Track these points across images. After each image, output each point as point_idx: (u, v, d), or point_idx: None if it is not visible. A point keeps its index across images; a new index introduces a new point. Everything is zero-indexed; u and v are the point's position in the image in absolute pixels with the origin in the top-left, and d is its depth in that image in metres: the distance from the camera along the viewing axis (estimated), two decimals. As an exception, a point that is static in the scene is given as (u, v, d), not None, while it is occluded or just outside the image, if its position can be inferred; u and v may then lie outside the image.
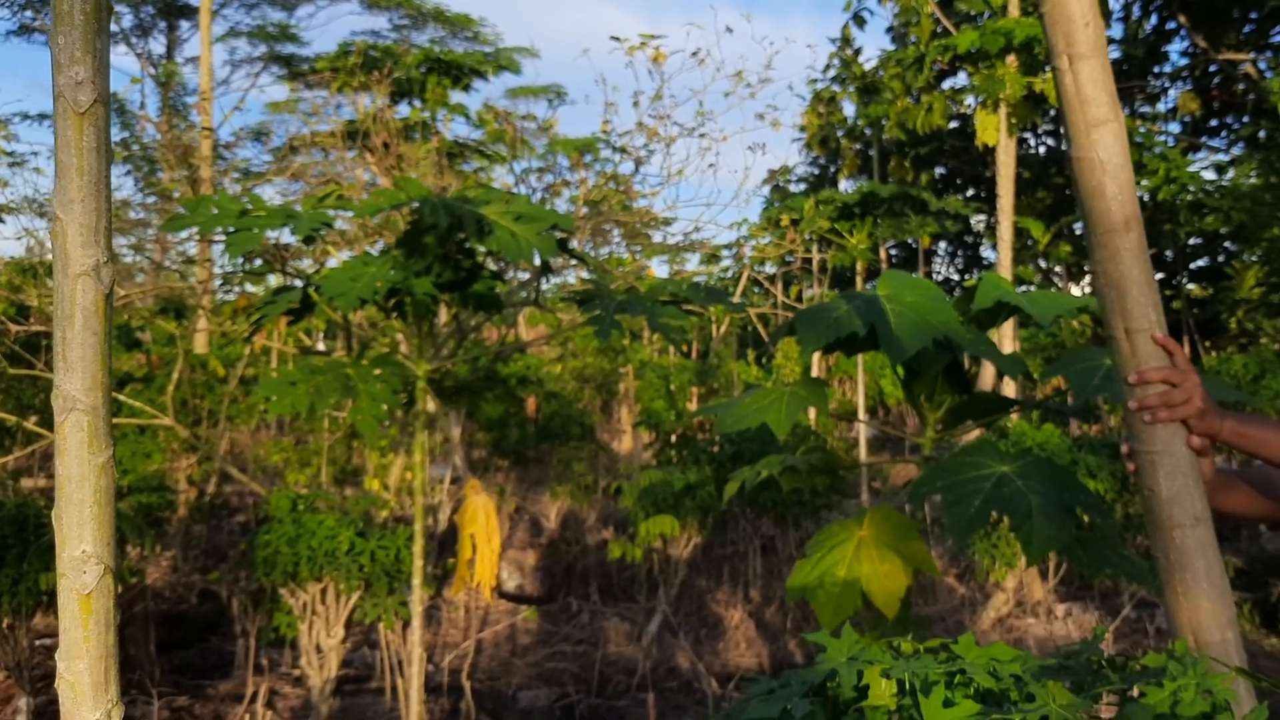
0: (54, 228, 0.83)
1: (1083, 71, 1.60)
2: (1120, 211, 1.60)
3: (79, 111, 0.81)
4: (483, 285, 3.88)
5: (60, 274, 0.84)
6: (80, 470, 0.84)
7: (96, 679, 0.86)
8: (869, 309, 3.12)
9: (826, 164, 18.78)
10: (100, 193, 0.83)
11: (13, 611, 4.56)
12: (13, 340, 5.91)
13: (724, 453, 6.60)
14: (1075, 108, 1.62)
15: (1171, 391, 1.62)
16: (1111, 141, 1.60)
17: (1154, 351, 1.63)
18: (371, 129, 5.22)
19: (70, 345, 0.84)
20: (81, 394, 0.84)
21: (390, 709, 5.17)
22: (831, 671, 1.46)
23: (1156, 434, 1.63)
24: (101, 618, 0.86)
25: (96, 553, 0.85)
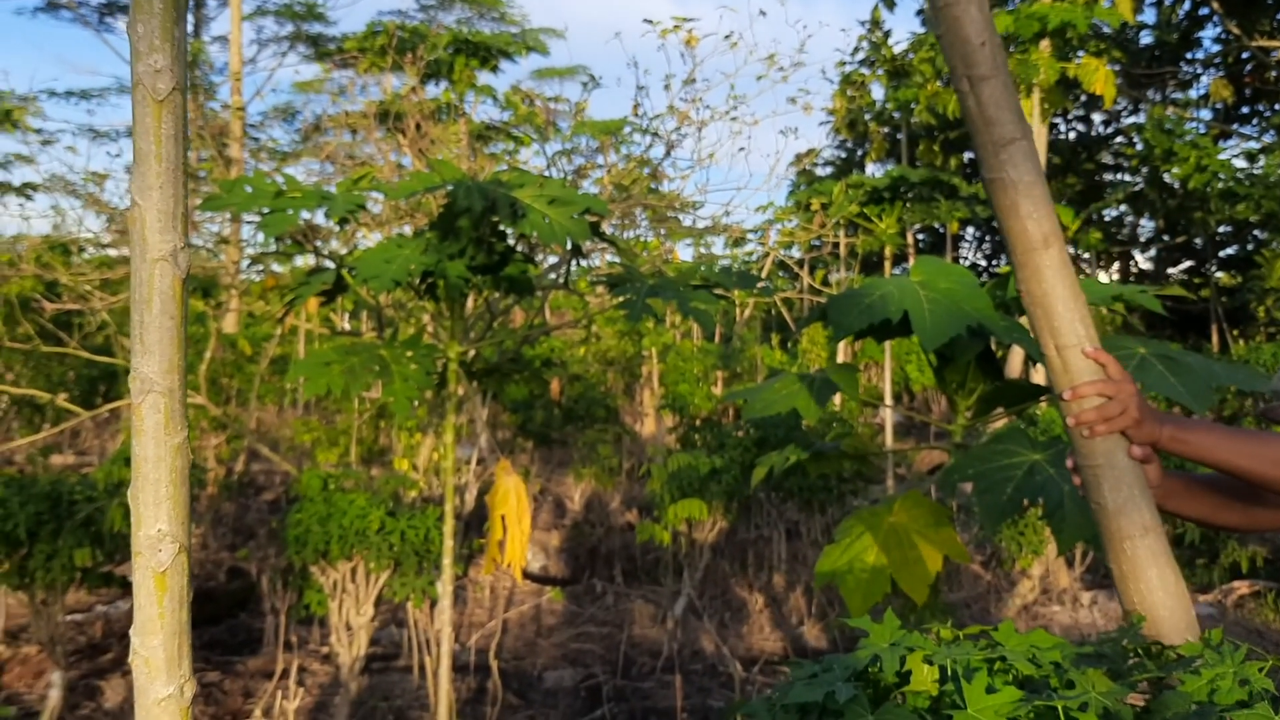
0: (132, 214, 0.85)
1: (984, 92, 1.58)
2: (1037, 229, 1.58)
3: (158, 99, 0.83)
4: (515, 268, 3.90)
5: (138, 259, 0.86)
6: (156, 451, 0.86)
7: (170, 655, 0.89)
8: (902, 295, 3.11)
9: (854, 148, 18.69)
10: (177, 179, 0.84)
11: (46, 587, 4.63)
12: (47, 318, 5.97)
13: (749, 437, 6.60)
14: (981, 129, 1.60)
15: (1107, 405, 1.60)
16: (1021, 160, 1.58)
17: (1086, 366, 1.61)
18: (403, 110, 5.22)
19: (148, 329, 0.86)
20: (159, 376, 0.85)
21: (418, 687, 5.22)
22: (874, 656, 1.47)
23: (1096, 447, 1.63)
24: (175, 595, 0.88)
25: (172, 531, 0.87)
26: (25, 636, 5.85)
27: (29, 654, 5.55)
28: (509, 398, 9.45)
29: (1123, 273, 18.92)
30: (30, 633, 5.80)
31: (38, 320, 6.51)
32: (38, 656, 5.51)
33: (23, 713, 4.88)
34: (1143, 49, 16.06)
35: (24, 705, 4.98)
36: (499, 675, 5.05)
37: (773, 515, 6.91)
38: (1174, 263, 18.47)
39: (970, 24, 1.55)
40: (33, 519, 4.41)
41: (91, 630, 5.98)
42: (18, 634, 5.93)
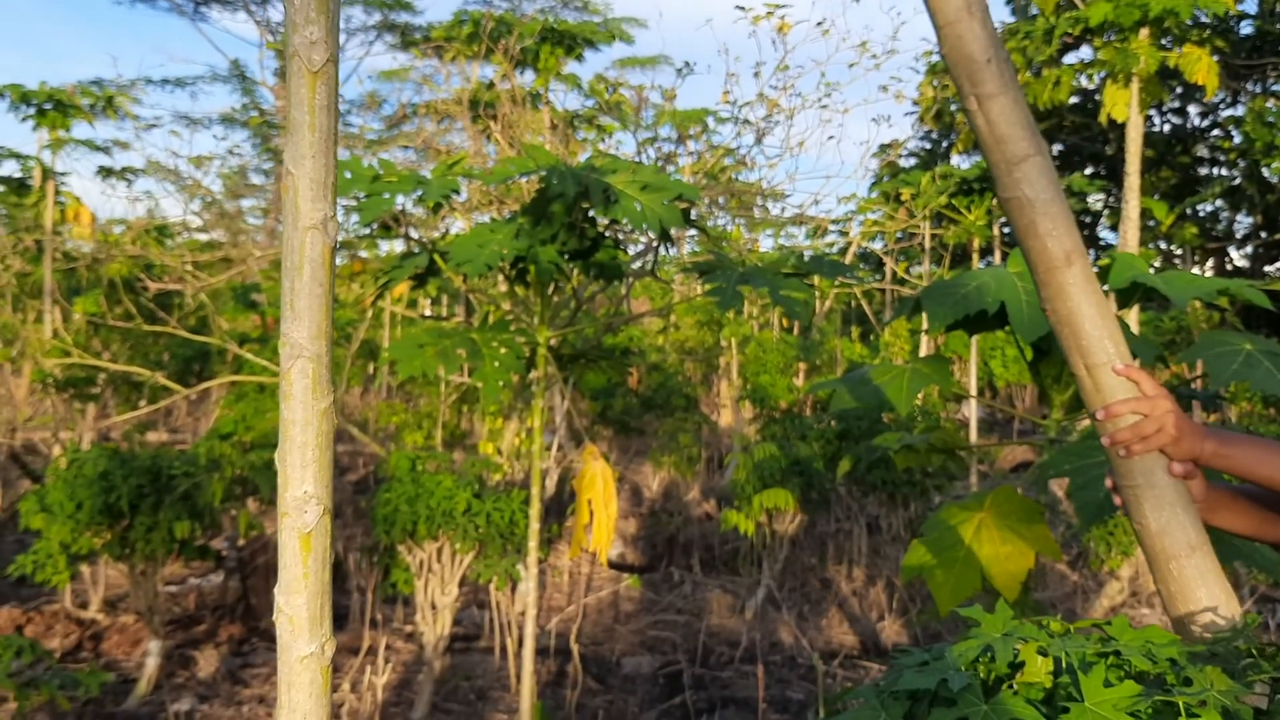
0: (285, 182, 0.87)
1: (993, 110, 1.53)
2: (1058, 247, 1.53)
3: (312, 70, 0.85)
4: (605, 254, 3.91)
5: (290, 227, 0.88)
6: (304, 414, 0.88)
7: (313, 614, 0.91)
8: (999, 286, 3.06)
9: (939, 139, 18.40)
10: (329, 149, 0.86)
11: (145, 558, 4.78)
12: (149, 297, 6.15)
13: (831, 429, 6.55)
14: (993, 148, 1.55)
15: (1142, 422, 1.55)
16: (1037, 176, 1.53)
17: (1118, 384, 1.56)
18: (495, 98, 5.26)
19: (298, 295, 0.88)
20: (307, 342, 0.87)
21: (499, 667, 5.28)
22: (985, 646, 1.45)
23: (1135, 466, 1.58)
24: (319, 555, 0.90)
25: (317, 494, 0.89)
26: (124, 606, 6.05)
27: (127, 623, 5.74)
28: (588, 386, 9.51)
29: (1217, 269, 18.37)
30: (129, 602, 6.00)
31: (138, 300, 6.71)
32: (135, 625, 5.70)
33: (121, 679, 5.05)
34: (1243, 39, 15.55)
35: (122, 672, 5.15)
36: (579, 659, 5.09)
37: (853, 509, 6.86)
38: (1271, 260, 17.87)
39: (974, 41, 1.51)
40: (134, 492, 4.55)
41: (185, 602, 6.17)
42: (116, 603, 6.14)
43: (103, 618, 5.87)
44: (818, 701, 4.42)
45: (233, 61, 19.34)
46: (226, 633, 5.65)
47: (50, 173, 10.04)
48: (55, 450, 9.27)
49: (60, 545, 4.53)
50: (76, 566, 4.62)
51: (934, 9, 1.51)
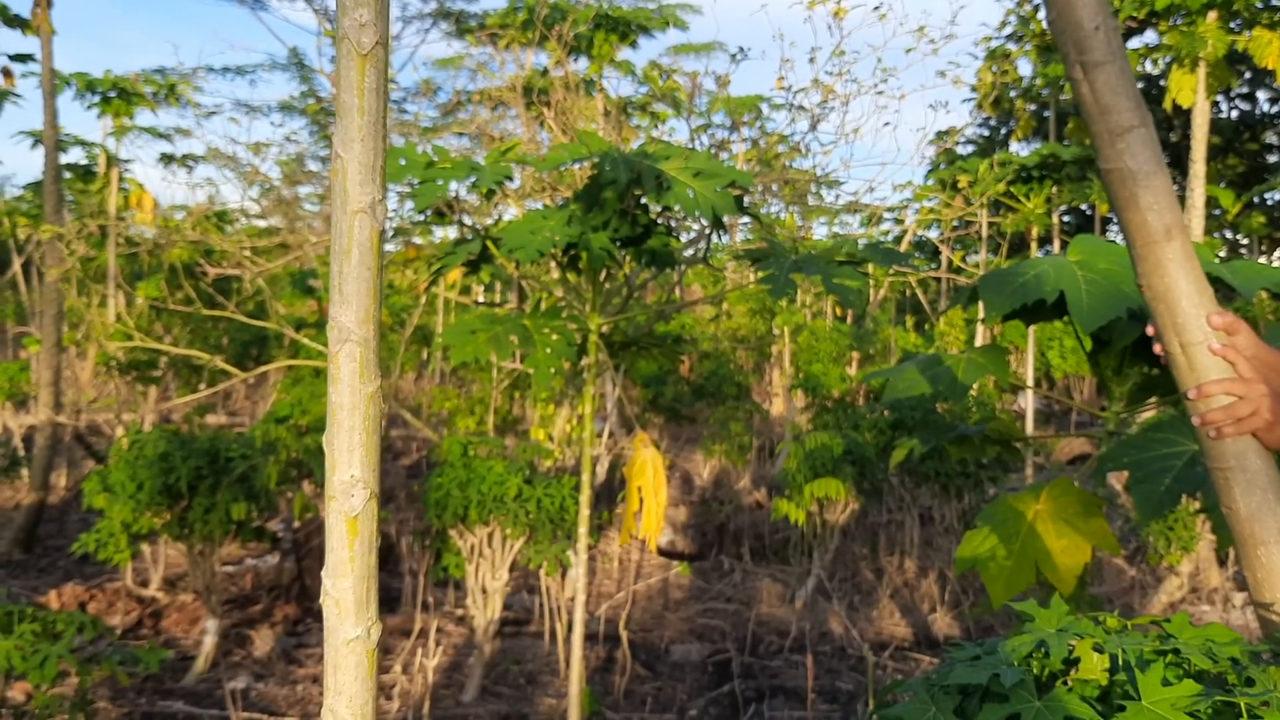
0: (334, 166, 0.87)
1: (1099, 79, 1.49)
2: (1158, 221, 1.51)
3: (361, 53, 0.84)
4: (657, 241, 3.90)
5: (339, 211, 0.88)
6: (352, 399, 0.88)
7: (359, 597, 0.91)
8: (1059, 275, 3.01)
9: (997, 126, 18.12)
10: (378, 133, 0.86)
11: (204, 538, 4.86)
12: (209, 282, 6.24)
13: (884, 419, 6.49)
14: (1096, 118, 1.51)
15: (1236, 404, 1.52)
16: (1140, 148, 1.50)
17: (1213, 364, 1.53)
18: (549, 85, 5.25)
19: (346, 279, 0.88)
20: (355, 326, 0.88)
21: (548, 652, 5.31)
22: (1039, 642, 1.43)
23: (1226, 449, 1.55)
24: (366, 539, 0.90)
25: (364, 478, 0.90)
26: (182, 585, 6.18)
27: (185, 601, 5.86)
28: (639, 373, 9.51)
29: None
30: (187, 581, 6.12)
31: (198, 285, 6.82)
32: (193, 604, 5.81)
33: (179, 656, 5.15)
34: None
35: (181, 649, 5.26)
36: (628, 645, 5.10)
37: (906, 499, 6.79)
38: (1342, 251, 17.39)
39: (1082, 7, 1.47)
40: (193, 473, 4.64)
41: (242, 582, 6.27)
42: (175, 582, 6.26)
43: (162, 596, 5.99)
44: (868, 693, 4.39)
45: (291, 49, 19.56)
46: (281, 613, 5.74)
47: (114, 159, 10.23)
48: (118, 432, 9.47)
49: (122, 525, 4.63)
50: (137, 546, 4.72)
51: None
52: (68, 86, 9.91)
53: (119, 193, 10.28)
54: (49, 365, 7.40)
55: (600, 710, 4.63)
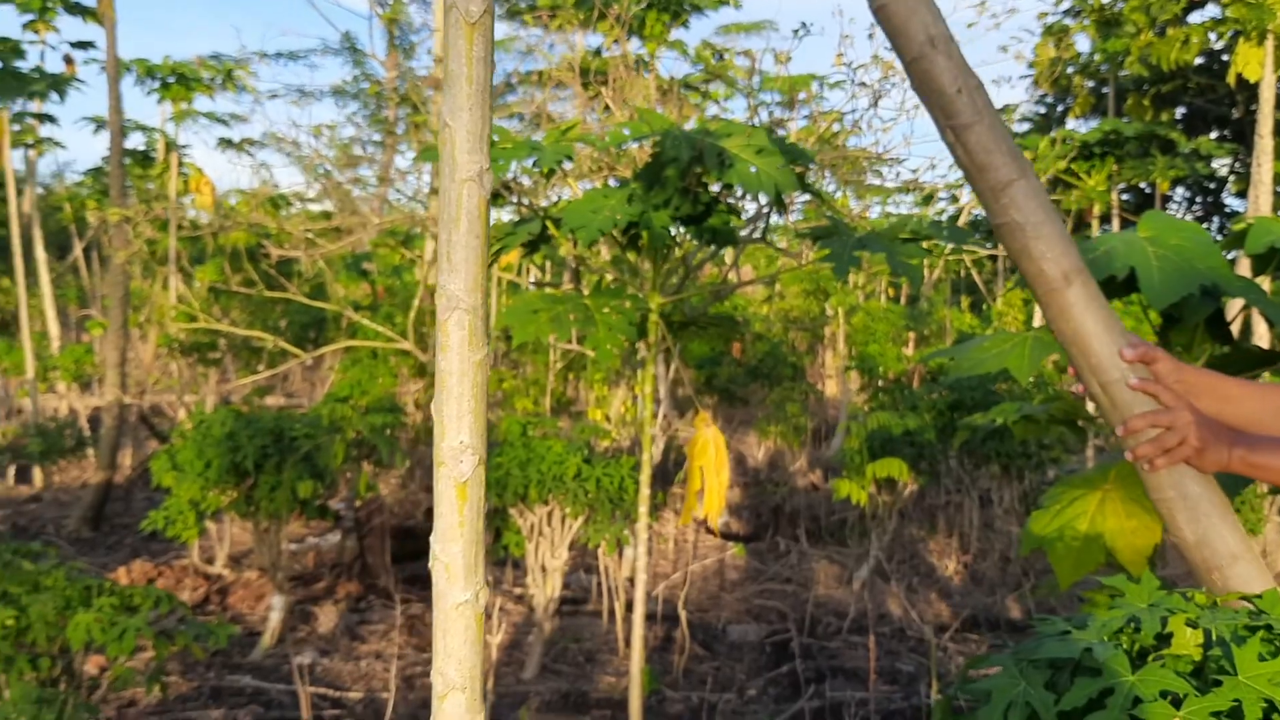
0: (442, 135, 0.87)
1: (970, 139, 1.50)
2: (1054, 269, 1.50)
3: (470, 22, 0.85)
4: (718, 219, 3.89)
5: (447, 179, 0.88)
6: (461, 366, 0.89)
7: (468, 561, 0.92)
8: (1128, 251, 2.95)
9: (1054, 103, 17.81)
10: (486, 101, 0.86)
11: (269, 516, 4.94)
12: (272, 264, 6.32)
13: (943, 400, 6.44)
14: (976, 177, 1.52)
15: (1163, 436, 1.52)
16: (1024, 200, 1.50)
17: (1135, 399, 1.53)
18: (604, 66, 5.25)
19: (455, 247, 0.89)
20: (464, 294, 0.88)
21: (606, 631, 5.34)
22: (1130, 617, 1.41)
23: (1163, 480, 1.55)
24: (474, 504, 0.91)
25: (472, 443, 0.91)
26: (248, 562, 6.29)
27: (251, 578, 5.97)
28: (692, 355, 9.51)
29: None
30: (253, 558, 6.23)
31: (259, 267, 6.91)
32: (259, 581, 5.92)
33: (246, 632, 5.25)
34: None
35: (247, 625, 5.36)
36: (686, 625, 5.11)
37: (965, 481, 6.73)
38: None
39: (942, 74, 1.48)
40: (259, 452, 4.71)
41: (305, 560, 6.38)
42: (240, 559, 6.38)
43: (228, 573, 6.10)
44: (930, 674, 4.37)
45: (344, 34, 19.70)
46: (344, 590, 5.82)
47: (173, 144, 10.39)
48: (180, 413, 9.66)
49: (189, 502, 4.72)
50: (204, 523, 4.81)
51: (899, 47, 1.50)
52: (128, 72, 10.07)
53: (178, 177, 10.44)
54: (115, 347, 7.55)
55: (660, 689, 4.66)
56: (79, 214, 13.67)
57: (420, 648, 5.12)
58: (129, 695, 4.35)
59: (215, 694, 4.48)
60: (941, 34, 1.48)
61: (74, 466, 9.02)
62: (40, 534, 7.12)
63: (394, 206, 12.59)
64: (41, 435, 8.05)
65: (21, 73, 8.72)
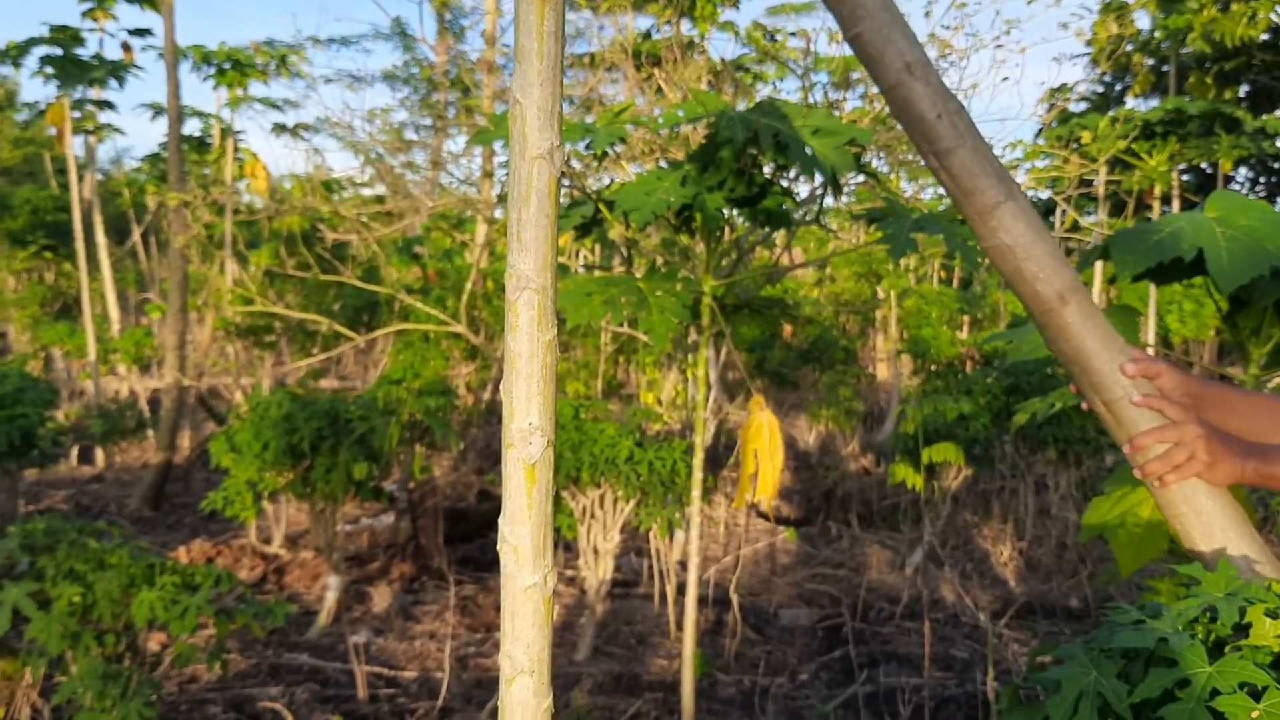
0: (512, 111, 0.86)
1: (954, 164, 1.48)
2: (1048, 289, 1.48)
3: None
4: (773, 201, 3.85)
5: (517, 157, 0.87)
6: (530, 346, 0.88)
7: (537, 544, 0.92)
8: (1196, 232, 2.89)
9: (1112, 81, 17.45)
10: (557, 77, 0.85)
11: (325, 497, 5.00)
12: (327, 248, 6.38)
13: (998, 384, 6.34)
14: (963, 201, 1.49)
15: (1171, 452, 1.48)
16: (1012, 222, 1.47)
17: (1140, 415, 1.50)
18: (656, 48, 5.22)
19: (525, 226, 0.88)
20: (534, 273, 0.87)
21: (658, 614, 5.35)
22: (1207, 606, 1.37)
23: (1175, 496, 1.51)
24: (543, 487, 0.90)
25: (541, 425, 0.90)
26: (303, 542, 6.37)
27: (307, 558, 6.05)
28: (741, 338, 9.46)
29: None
30: (308, 539, 6.31)
31: (314, 251, 6.98)
32: (314, 561, 6.00)
33: (302, 610, 5.32)
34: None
35: (303, 604, 5.43)
36: (738, 608, 5.10)
37: (1020, 466, 6.64)
38: None
39: (921, 101, 1.46)
40: (315, 434, 4.76)
41: (359, 540, 6.45)
42: (296, 539, 6.47)
43: (284, 553, 6.19)
44: (986, 661, 4.32)
45: (394, 19, 19.80)
46: (398, 570, 5.88)
47: (229, 130, 10.51)
48: (236, 395, 9.80)
49: (247, 483, 4.79)
50: (261, 504, 4.87)
51: (876, 75, 1.48)
52: (184, 59, 10.19)
53: (234, 162, 10.56)
54: (174, 330, 7.67)
55: (711, 672, 4.65)
56: (137, 199, 13.89)
57: (473, 628, 5.16)
58: (190, 671, 4.43)
59: (274, 671, 4.55)
60: (918, 59, 1.46)
61: (134, 447, 9.20)
62: (103, 513, 7.27)
63: (445, 190, 12.66)
64: (103, 417, 8.22)
65: (82, 60, 8.86)
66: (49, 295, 11.70)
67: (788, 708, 4.33)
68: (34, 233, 11.63)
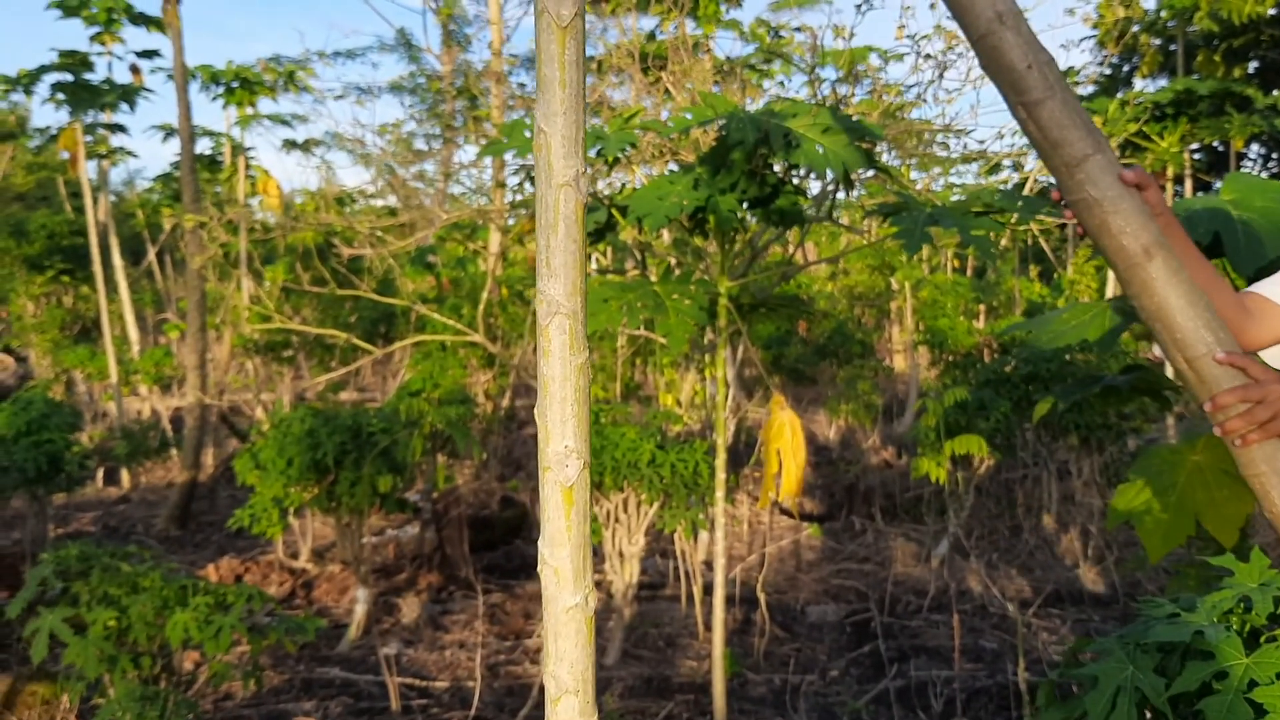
0: (537, 140, 0.87)
1: (1043, 116, 1.48)
2: (1134, 243, 1.48)
3: (561, 25, 0.85)
4: (785, 200, 3.86)
5: (543, 184, 0.89)
6: (562, 370, 0.89)
7: (576, 566, 0.93)
8: (1211, 215, 2.89)
9: (1119, 63, 17.35)
10: (580, 105, 0.86)
11: (351, 510, 5.03)
12: (343, 262, 6.41)
13: (1017, 373, 6.33)
14: (1050, 153, 1.50)
15: (1255, 409, 1.48)
16: (1099, 175, 1.48)
17: (1223, 373, 1.50)
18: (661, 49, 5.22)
19: (553, 252, 0.89)
20: (564, 299, 0.89)
21: (685, 615, 5.36)
22: (1242, 597, 1.38)
23: (1255, 455, 1.50)
24: (580, 509, 0.92)
25: (577, 448, 0.91)
26: (330, 556, 6.41)
27: (334, 572, 6.08)
28: (758, 335, 9.46)
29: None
30: (335, 552, 6.34)
31: (329, 265, 7.01)
32: (342, 574, 6.03)
33: (332, 624, 5.35)
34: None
35: (332, 618, 5.46)
36: (765, 607, 5.11)
37: (1042, 454, 6.62)
38: None
39: (1011, 50, 1.45)
40: (338, 448, 4.79)
41: (384, 552, 6.48)
42: (323, 553, 6.50)
43: (312, 567, 6.22)
44: (1017, 652, 4.32)
45: (399, 30, 19.87)
46: (425, 581, 5.91)
47: (240, 148, 10.58)
48: (257, 411, 9.86)
49: (273, 500, 4.82)
50: (287, 519, 4.91)
51: (966, 24, 1.47)
52: (192, 79, 10.25)
53: (245, 180, 10.63)
54: (194, 350, 7.72)
55: (741, 671, 4.66)
56: (151, 220, 13.99)
57: (502, 636, 5.18)
58: (224, 689, 4.46)
59: (306, 686, 4.57)
60: (1009, 9, 1.46)
61: (159, 467, 9.26)
62: (130, 534, 7.32)
63: (457, 200, 12.69)
64: (127, 438, 8.28)
65: (94, 85, 8.93)
66: (68, 319, 11.78)
67: (819, 705, 4.34)
68: (51, 257, 11.72)
